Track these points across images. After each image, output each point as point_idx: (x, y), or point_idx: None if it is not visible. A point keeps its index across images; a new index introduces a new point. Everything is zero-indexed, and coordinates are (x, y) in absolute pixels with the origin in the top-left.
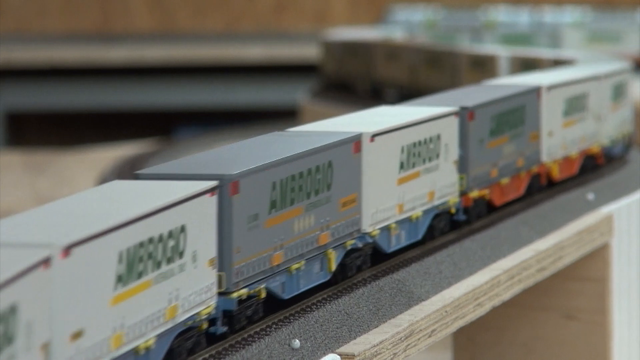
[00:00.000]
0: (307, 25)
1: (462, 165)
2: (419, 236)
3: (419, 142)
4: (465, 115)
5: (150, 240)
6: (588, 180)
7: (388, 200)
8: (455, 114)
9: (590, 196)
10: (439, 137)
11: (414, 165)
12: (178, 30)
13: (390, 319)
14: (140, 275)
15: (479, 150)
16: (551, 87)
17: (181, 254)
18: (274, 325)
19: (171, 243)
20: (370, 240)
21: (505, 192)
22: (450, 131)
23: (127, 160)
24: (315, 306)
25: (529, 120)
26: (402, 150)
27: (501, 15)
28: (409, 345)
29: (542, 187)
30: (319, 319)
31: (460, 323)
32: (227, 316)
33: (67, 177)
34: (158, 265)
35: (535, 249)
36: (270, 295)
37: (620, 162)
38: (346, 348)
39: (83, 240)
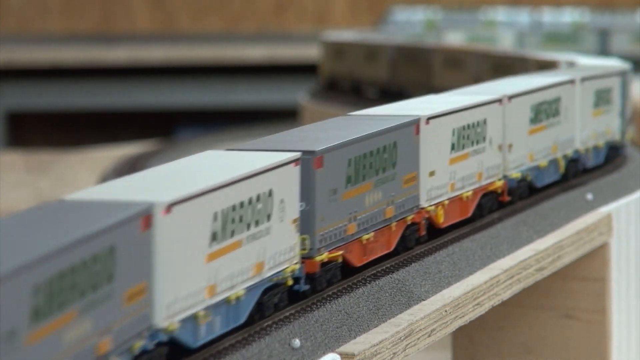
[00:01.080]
0: (307, 26)
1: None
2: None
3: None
4: (310, 162)
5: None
6: (587, 180)
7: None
8: (295, 161)
9: (590, 196)
10: (270, 192)
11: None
12: (179, 30)
13: (390, 318)
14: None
15: (330, 203)
16: (433, 117)
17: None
18: (274, 325)
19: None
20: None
21: (368, 250)
22: (289, 184)
23: (128, 160)
24: (315, 306)
25: (403, 160)
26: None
27: (500, 15)
28: (408, 344)
29: (422, 238)
30: (319, 318)
31: (460, 322)
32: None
33: (68, 177)
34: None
35: (535, 248)
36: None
37: (620, 162)
38: (346, 347)
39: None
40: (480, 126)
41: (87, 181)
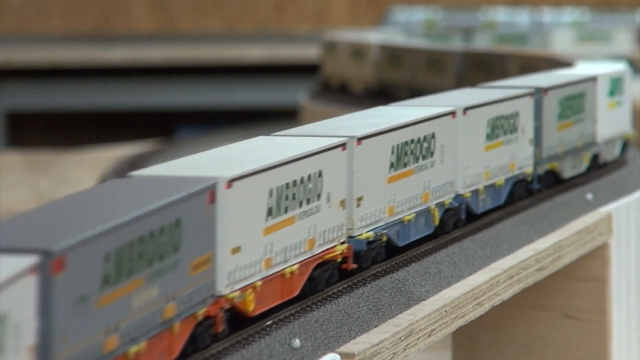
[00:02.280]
0: (307, 26)
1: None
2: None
3: None
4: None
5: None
6: (587, 180)
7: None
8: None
9: (589, 196)
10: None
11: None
12: (178, 30)
13: (390, 318)
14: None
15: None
16: (235, 179)
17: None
18: (274, 325)
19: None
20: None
21: None
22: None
23: (128, 160)
24: (315, 306)
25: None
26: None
27: (500, 15)
28: (408, 344)
29: (218, 336)
30: (319, 318)
31: (460, 323)
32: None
33: (68, 177)
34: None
35: (535, 248)
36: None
37: (619, 162)
38: (346, 347)
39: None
40: (313, 180)
41: (87, 181)
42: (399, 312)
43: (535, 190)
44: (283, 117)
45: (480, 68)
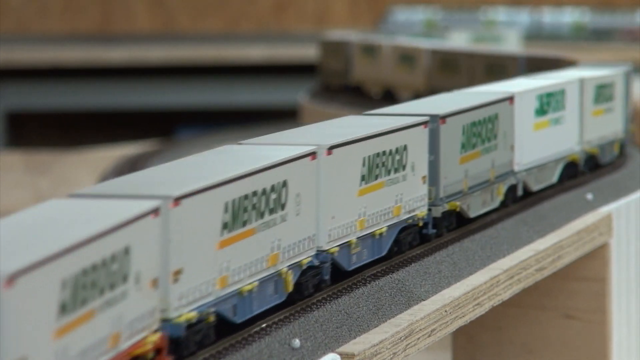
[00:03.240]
0: (307, 26)
1: None
2: None
3: None
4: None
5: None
6: (587, 180)
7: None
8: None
9: (589, 196)
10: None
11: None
12: (178, 30)
13: (390, 318)
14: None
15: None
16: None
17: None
18: (274, 325)
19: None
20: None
21: None
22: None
23: (128, 160)
24: (315, 306)
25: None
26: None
27: (501, 15)
28: (408, 344)
29: None
30: (319, 318)
31: (460, 323)
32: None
33: (68, 177)
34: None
35: (535, 248)
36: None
37: (619, 162)
38: (346, 347)
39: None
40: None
41: (87, 181)
42: (399, 312)
43: (431, 236)
44: (283, 117)
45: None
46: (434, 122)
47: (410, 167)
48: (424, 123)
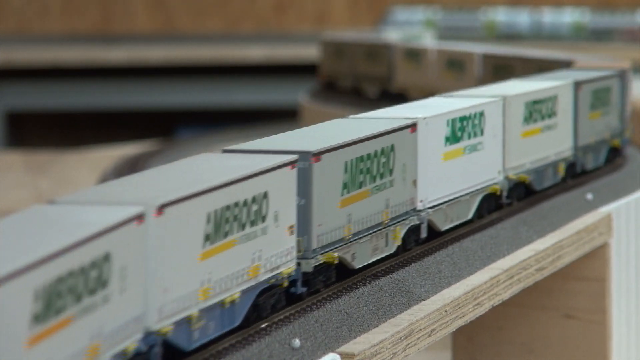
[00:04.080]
0: (307, 26)
1: None
2: None
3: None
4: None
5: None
6: (587, 180)
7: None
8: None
9: (589, 196)
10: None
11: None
12: (178, 30)
13: (390, 318)
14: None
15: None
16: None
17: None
18: (274, 325)
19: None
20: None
21: None
22: None
23: (128, 160)
24: (315, 306)
25: None
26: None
27: (500, 15)
28: (408, 344)
29: None
30: (319, 318)
31: (460, 322)
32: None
33: (68, 177)
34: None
35: (535, 248)
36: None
37: (620, 162)
38: (346, 347)
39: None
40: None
41: (87, 181)
42: (399, 312)
43: (302, 295)
44: (283, 117)
45: None
46: (305, 160)
47: (272, 216)
48: (291, 163)
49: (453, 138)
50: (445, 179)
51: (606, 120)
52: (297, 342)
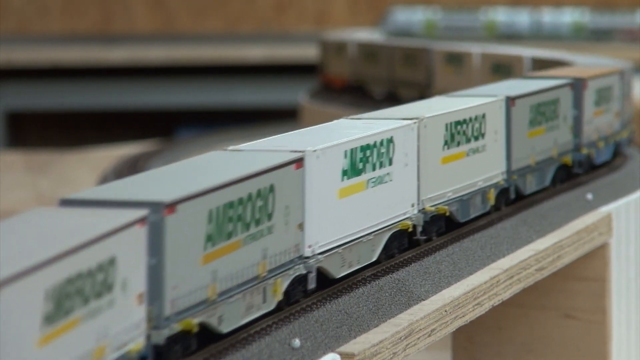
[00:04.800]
0: (307, 26)
1: None
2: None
3: None
4: None
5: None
6: (587, 180)
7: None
8: None
9: (589, 196)
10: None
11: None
12: (178, 30)
13: (390, 318)
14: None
15: None
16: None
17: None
18: (274, 325)
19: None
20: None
21: None
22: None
23: (128, 160)
24: (315, 306)
25: None
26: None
27: (500, 15)
28: (408, 344)
29: None
30: (319, 318)
31: (460, 322)
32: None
33: (68, 177)
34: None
35: (535, 248)
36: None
37: (619, 162)
38: (346, 347)
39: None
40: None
41: (87, 181)
42: (399, 312)
43: None
44: (283, 117)
45: None
46: (156, 213)
47: (119, 286)
48: (140, 221)
49: (352, 171)
50: (341, 218)
51: (553, 137)
52: (297, 342)
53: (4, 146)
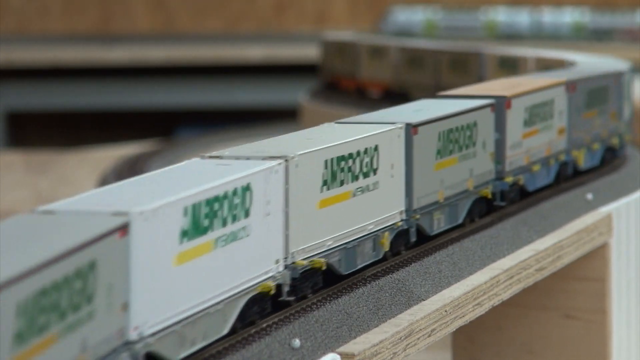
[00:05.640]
0: (307, 26)
1: None
2: None
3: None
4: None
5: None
6: (587, 180)
7: None
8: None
9: (589, 196)
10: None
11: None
12: (178, 30)
13: (390, 318)
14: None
15: None
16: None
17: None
18: (274, 325)
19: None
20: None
21: None
22: None
23: (128, 160)
24: (315, 306)
25: None
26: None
27: (500, 15)
28: (408, 344)
29: None
30: (319, 318)
31: (460, 323)
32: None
33: (68, 177)
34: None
35: (535, 248)
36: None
37: (619, 162)
38: (346, 347)
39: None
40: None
41: (87, 181)
42: (399, 312)
43: None
44: (283, 118)
45: None
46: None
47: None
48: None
49: (194, 231)
50: (180, 289)
51: (469, 166)
52: (297, 342)
53: (3, 146)
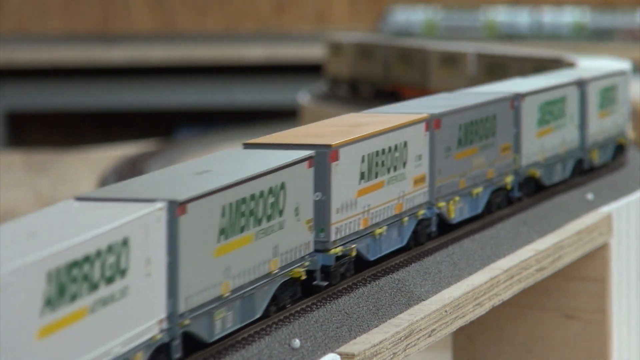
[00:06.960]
0: (307, 26)
1: None
2: None
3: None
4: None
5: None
6: (587, 180)
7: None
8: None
9: (590, 196)
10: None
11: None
12: (178, 30)
13: (390, 318)
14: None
15: None
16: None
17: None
18: (274, 325)
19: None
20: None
21: None
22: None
23: (128, 160)
24: (315, 306)
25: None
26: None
27: (500, 15)
28: (408, 344)
29: None
30: (319, 318)
31: (460, 323)
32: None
33: (68, 176)
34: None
35: (535, 248)
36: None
37: (620, 163)
38: (346, 348)
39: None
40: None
41: (87, 181)
42: (399, 312)
43: None
44: (283, 117)
45: None
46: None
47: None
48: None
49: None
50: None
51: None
52: (297, 342)
53: (4, 146)
